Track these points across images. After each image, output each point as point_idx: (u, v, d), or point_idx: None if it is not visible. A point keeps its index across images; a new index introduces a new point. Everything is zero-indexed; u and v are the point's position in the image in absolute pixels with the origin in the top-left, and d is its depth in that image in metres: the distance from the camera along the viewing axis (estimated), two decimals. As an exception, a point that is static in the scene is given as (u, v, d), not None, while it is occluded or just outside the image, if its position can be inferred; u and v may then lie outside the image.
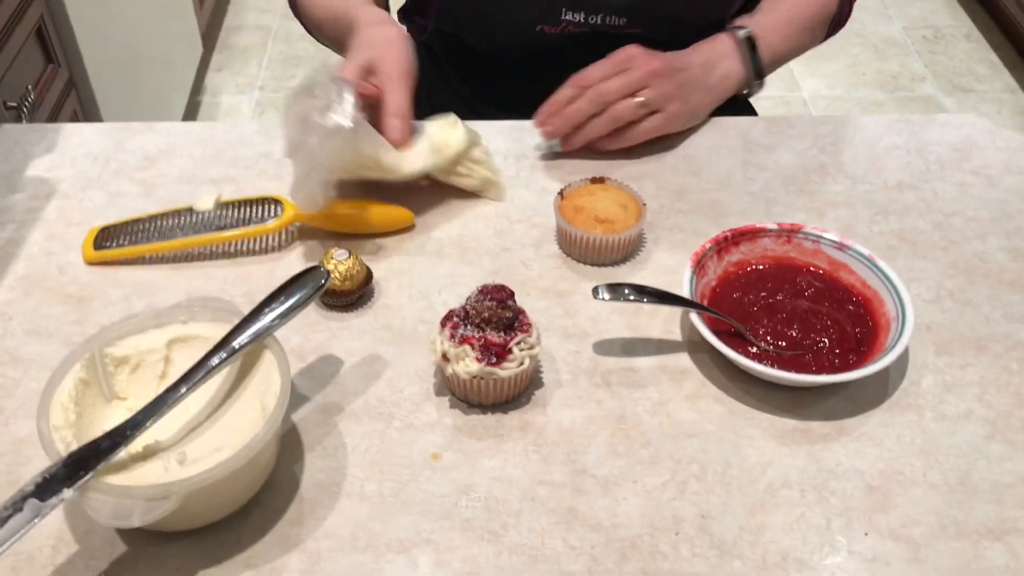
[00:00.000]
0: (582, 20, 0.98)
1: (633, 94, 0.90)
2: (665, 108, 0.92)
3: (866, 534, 0.66)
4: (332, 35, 1.01)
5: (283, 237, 0.87)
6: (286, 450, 0.70)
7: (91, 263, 0.85)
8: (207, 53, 2.75)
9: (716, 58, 0.96)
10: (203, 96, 2.63)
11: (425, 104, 1.13)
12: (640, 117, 0.92)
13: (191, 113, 2.54)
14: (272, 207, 0.85)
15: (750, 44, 0.97)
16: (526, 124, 1.01)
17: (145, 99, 2.15)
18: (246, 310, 0.70)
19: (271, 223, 0.83)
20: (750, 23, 0.98)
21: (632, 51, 0.91)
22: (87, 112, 1.87)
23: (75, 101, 1.81)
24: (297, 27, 1.11)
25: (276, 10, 2.98)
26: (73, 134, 1.00)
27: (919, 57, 2.84)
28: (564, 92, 0.91)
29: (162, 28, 2.28)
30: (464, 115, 1.09)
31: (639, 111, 0.91)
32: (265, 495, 0.68)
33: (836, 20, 1.06)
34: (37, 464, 0.69)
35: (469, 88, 1.11)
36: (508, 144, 0.99)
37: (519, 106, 0.96)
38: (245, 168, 0.95)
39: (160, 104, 2.27)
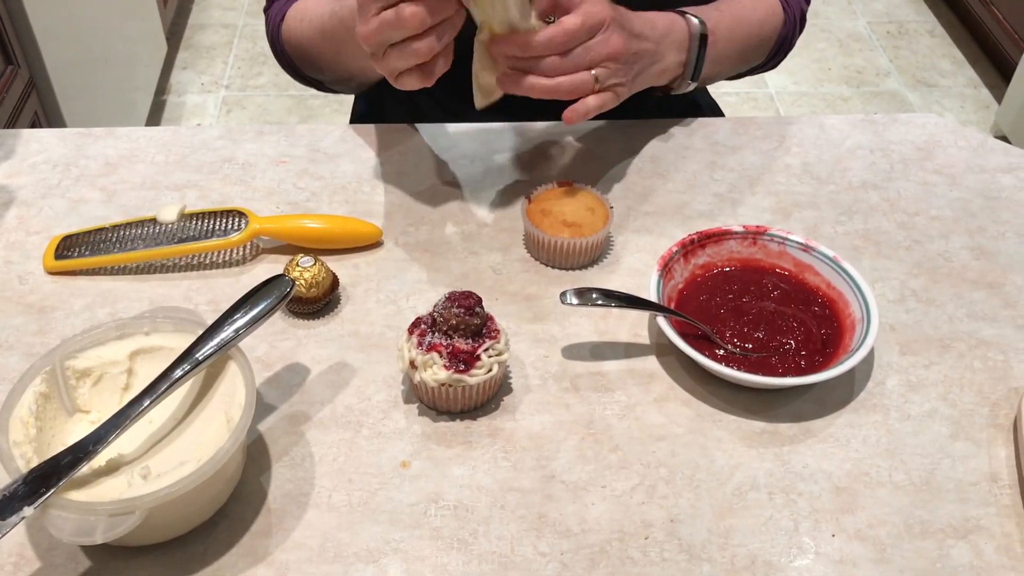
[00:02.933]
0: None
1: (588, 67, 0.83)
2: (612, 89, 0.85)
3: (833, 535, 0.66)
4: (331, 35, 0.94)
5: (248, 249, 0.86)
6: (253, 461, 0.70)
7: (52, 272, 0.83)
8: (172, 52, 2.72)
9: (667, 46, 0.90)
10: (168, 95, 2.60)
11: (407, 102, 1.12)
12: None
13: (156, 112, 2.51)
14: (236, 219, 0.84)
15: (701, 41, 0.92)
16: (494, 127, 1.00)
17: (109, 99, 2.12)
18: (211, 319, 0.69)
19: (235, 236, 0.82)
20: (706, 16, 0.93)
21: (603, 14, 0.81)
22: (49, 114, 1.84)
23: (36, 103, 1.78)
24: (263, 25, 1.09)
25: (241, 8, 2.95)
26: (32, 140, 0.98)
27: (884, 52, 2.87)
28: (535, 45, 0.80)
29: (125, 27, 2.25)
30: (438, 116, 1.08)
31: (589, 87, 0.84)
32: (232, 507, 0.67)
33: (782, 40, 1.03)
34: (-2, 479, 0.68)
35: (441, 87, 1.11)
36: (475, 148, 0.98)
37: (494, 104, 0.95)
38: (208, 173, 0.94)
39: (124, 104, 2.24)
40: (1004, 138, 2.50)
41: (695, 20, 0.92)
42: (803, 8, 1.06)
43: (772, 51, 1.04)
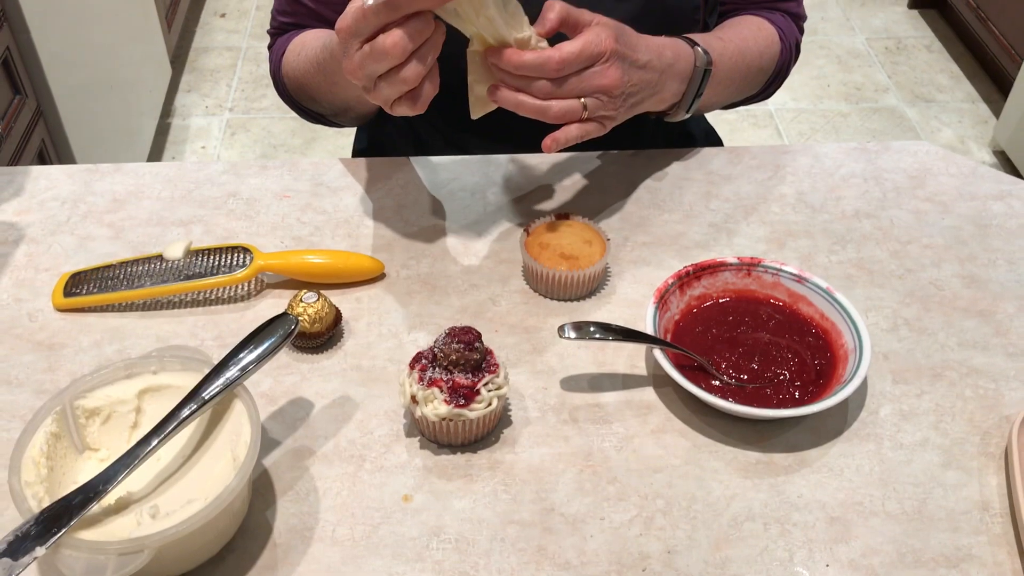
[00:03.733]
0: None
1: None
2: (599, 119, 0.85)
3: (827, 565, 0.68)
4: (324, 68, 0.94)
5: (253, 285, 0.88)
6: (258, 495, 0.71)
7: (61, 310, 0.85)
8: (176, 75, 2.75)
9: (670, 76, 0.89)
10: (173, 119, 2.63)
11: (410, 134, 1.14)
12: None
13: (161, 135, 2.54)
14: (241, 256, 0.86)
15: (704, 74, 0.92)
16: (493, 159, 1.02)
17: (114, 124, 2.15)
18: (217, 355, 0.71)
19: (240, 272, 0.84)
20: (710, 48, 0.93)
21: (604, 45, 0.81)
22: (56, 142, 1.86)
23: (43, 131, 1.81)
24: (266, 48, 1.11)
25: (244, 31, 2.98)
26: (41, 176, 1.00)
27: (882, 68, 2.89)
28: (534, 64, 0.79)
29: (130, 52, 2.28)
30: (442, 149, 1.10)
31: (577, 115, 0.84)
32: (238, 542, 0.68)
33: (778, 70, 1.05)
34: (11, 514, 0.69)
35: (444, 119, 1.13)
36: (475, 181, 1.00)
37: (494, 132, 0.96)
38: (213, 208, 0.96)
39: (129, 129, 2.27)
40: (1002, 152, 2.52)
41: (702, 52, 0.91)
42: (798, 39, 1.08)
43: (768, 81, 1.06)
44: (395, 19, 0.73)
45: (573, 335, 0.78)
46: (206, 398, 0.67)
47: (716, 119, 1.29)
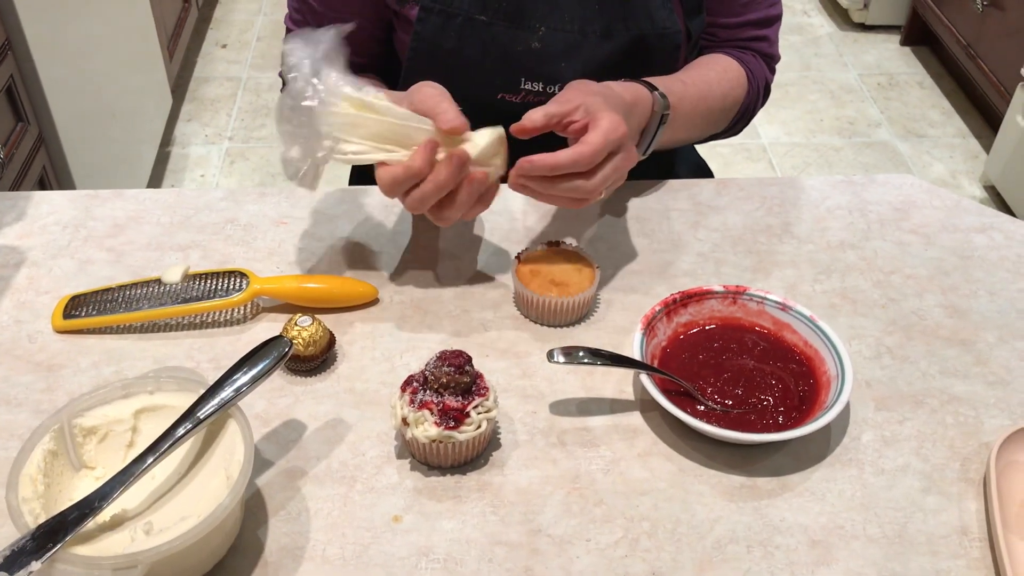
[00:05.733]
0: (540, 89, 1.03)
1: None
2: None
3: (809, 587, 0.69)
4: None
5: (248, 309, 0.90)
6: (251, 515, 0.73)
7: (60, 331, 0.87)
8: (176, 104, 2.79)
9: (631, 121, 0.89)
10: (172, 147, 2.66)
11: None
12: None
13: (160, 164, 2.57)
14: (238, 280, 0.88)
15: (661, 119, 0.93)
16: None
17: (115, 152, 2.18)
18: (212, 377, 0.72)
19: (236, 296, 0.86)
20: (669, 93, 0.94)
21: (620, 133, 0.82)
22: (57, 168, 1.89)
23: (45, 157, 1.83)
24: (266, 78, 1.13)
25: (245, 61, 3.02)
26: (43, 201, 1.02)
27: (875, 103, 2.93)
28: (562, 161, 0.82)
29: (131, 81, 2.31)
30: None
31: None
32: (230, 560, 0.70)
33: (744, 109, 1.07)
34: (8, 530, 0.70)
35: None
36: (468, 207, 1.02)
37: None
38: (212, 234, 0.98)
39: (130, 157, 2.29)
40: (992, 187, 2.55)
41: (660, 97, 0.93)
42: (768, 79, 1.11)
43: (733, 120, 1.08)
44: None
45: (562, 360, 0.79)
46: (201, 418, 0.68)
47: (709, 153, 1.32)
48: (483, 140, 0.82)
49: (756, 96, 1.08)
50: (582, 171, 0.82)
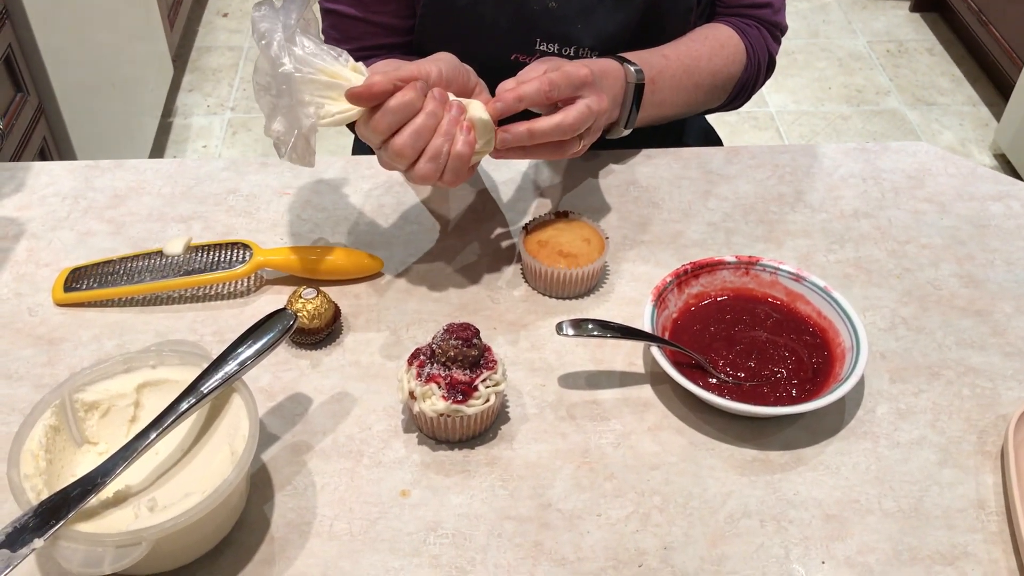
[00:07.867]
0: (555, 51, 1.00)
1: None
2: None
3: (823, 562, 0.68)
4: None
5: (252, 281, 0.88)
6: (256, 490, 0.72)
7: (61, 304, 0.85)
8: (178, 74, 2.76)
9: (608, 95, 0.88)
10: (174, 118, 2.63)
11: None
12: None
13: (162, 135, 2.54)
14: (241, 252, 0.86)
15: (637, 90, 0.91)
16: (489, 159, 1.02)
17: (116, 123, 2.15)
18: (216, 350, 0.71)
19: (240, 268, 0.85)
20: (646, 66, 0.92)
21: (582, 74, 0.82)
22: (57, 139, 1.86)
23: (45, 128, 1.81)
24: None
25: (247, 30, 2.98)
26: (42, 172, 1.00)
27: (883, 71, 2.89)
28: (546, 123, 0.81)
29: (132, 51, 2.28)
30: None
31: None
32: (236, 535, 0.69)
33: (742, 85, 1.05)
34: (10, 507, 0.69)
35: None
36: (474, 179, 1.00)
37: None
38: (214, 205, 0.96)
39: (131, 127, 2.27)
40: (1003, 156, 2.52)
41: (632, 68, 0.90)
42: (771, 52, 1.08)
43: (731, 96, 1.06)
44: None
45: (571, 332, 0.78)
46: (204, 392, 0.67)
47: (717, 121, 1.29)
48: (478, 112, 0.80)
49: (756, 71, 1.05)
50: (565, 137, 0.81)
